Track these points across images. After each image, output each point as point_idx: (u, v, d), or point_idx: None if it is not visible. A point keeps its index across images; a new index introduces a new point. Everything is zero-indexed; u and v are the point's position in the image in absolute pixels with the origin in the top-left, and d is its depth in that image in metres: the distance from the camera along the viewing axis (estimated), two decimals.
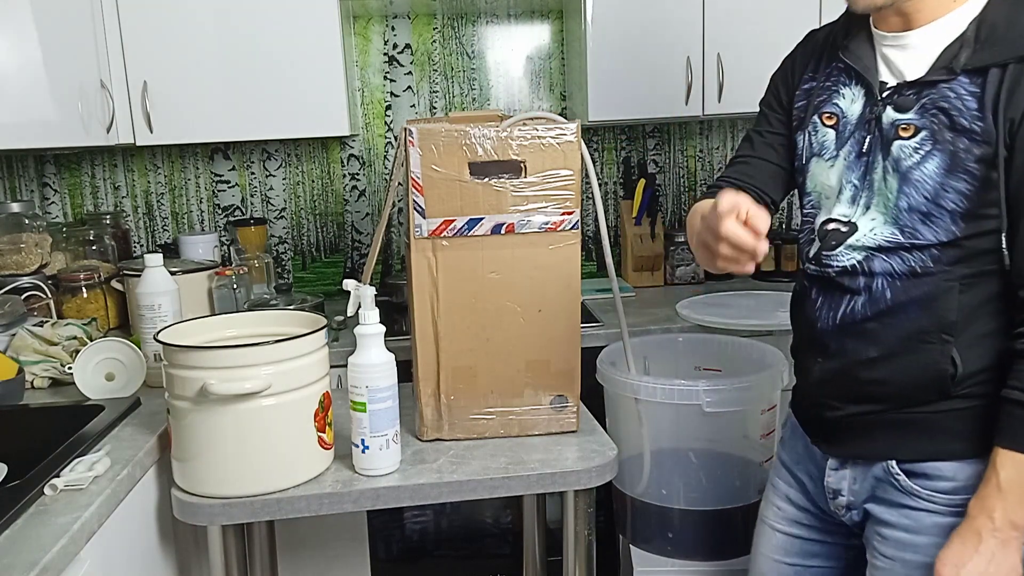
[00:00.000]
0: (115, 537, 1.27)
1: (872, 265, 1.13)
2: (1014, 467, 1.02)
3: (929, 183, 1.07)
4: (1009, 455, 1.02)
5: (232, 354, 1.28)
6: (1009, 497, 1.02)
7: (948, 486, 1.11)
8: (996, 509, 1.03)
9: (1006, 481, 1.02)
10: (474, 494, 1.37)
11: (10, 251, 2.11)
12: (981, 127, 1.02)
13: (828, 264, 1.18)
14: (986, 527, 1.04)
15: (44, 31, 1.80)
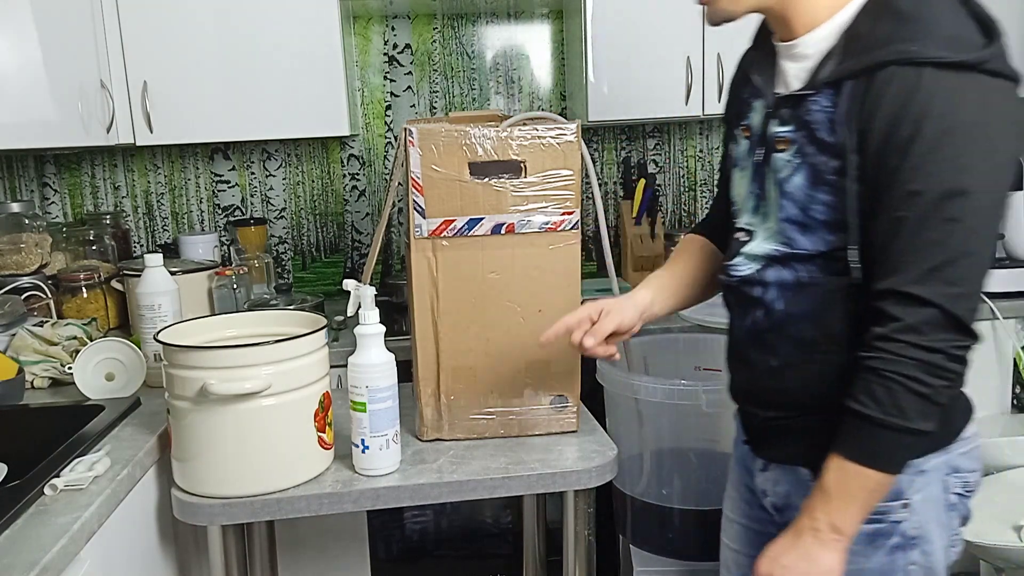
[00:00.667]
0: (115, 537, 1.27)
1: (765, 275, 1.14)
2: (840, 473, 1.03)
3: (799, 195, 1.07)
4: (837, 460, 1.03)
5: (232, 354, 1.28)
6: (833, 501, 1.03)
7: None
8: (818, 510, 1.04)
9: (831, 485, 1.03)
10: (474, 494, 1.37)
11: (10, 251, 2.11)
12: (834, 140, 1.01)
13: (731, 273, 1.19)
14: (807, 526, 1.05)
15: (44, 31, 1.80)
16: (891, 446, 1.01)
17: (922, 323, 0.96)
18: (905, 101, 0.95)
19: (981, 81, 0.94)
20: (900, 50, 0.95)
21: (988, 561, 2.03)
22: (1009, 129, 0.96)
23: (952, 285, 0.96)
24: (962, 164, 0.94)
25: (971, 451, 1.15)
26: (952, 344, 0.97)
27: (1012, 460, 2.10)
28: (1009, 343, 2.30)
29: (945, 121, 0.93)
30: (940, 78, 0.94)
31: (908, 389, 0.97)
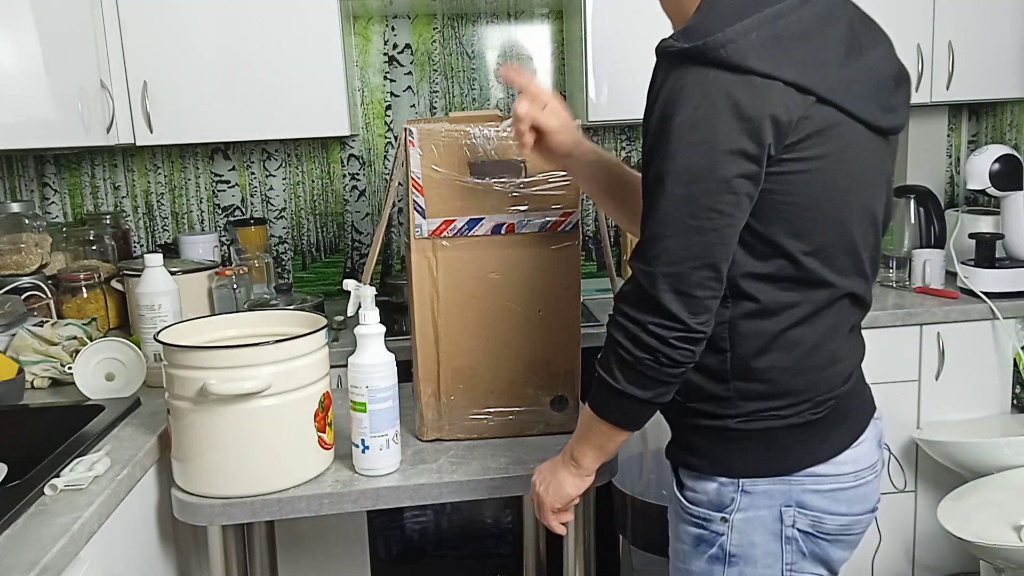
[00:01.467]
0: (115, 537, 1.27)
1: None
2: (585, 413, 1.14)
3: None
4: (586, 408, 1.13)
5: (232, 354, 1.28)
6: (577, 434, 1.17)
7: (690, 495, 1.15)
8: (574, 444, 1.18)
9: (580, 421, 1.17)
10: (474, 494, 1.37)
11: (10, 251, 2.11)
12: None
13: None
14: (564, 450, 1.21)
15: (44, 31, 1.80)
16: (608, 401, 1.08)
17: (628, 293, 1.04)
18: (650, 90, 1.02)
19: (701, 72, 0.96)
20: (660, 44, 1.01)
21: (988, 561, 2.03)
22: (717, 121, 0.95)
23: (645, 263, 1.01)
24: (667, 151, 0.97)
25: (832, 491, 1.10)
26: (649, 321, 1.01)
27: (1012, 460, 2.10)
28: (1009, 343, 2.30)
29: (664, 109, 0.98)
30: (668, 68, 0.99)
31: (615, 353, 1.05)
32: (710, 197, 0.97)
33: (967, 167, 2.35)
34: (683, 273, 0.99)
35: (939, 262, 2.41)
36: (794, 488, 1.10)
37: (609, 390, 1.07)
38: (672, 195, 0.98)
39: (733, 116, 0.95)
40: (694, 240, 0.98)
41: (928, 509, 2.32)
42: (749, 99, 0.95)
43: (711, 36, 0.95)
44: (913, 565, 2.40)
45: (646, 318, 1.01)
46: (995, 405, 2.35)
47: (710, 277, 1.00)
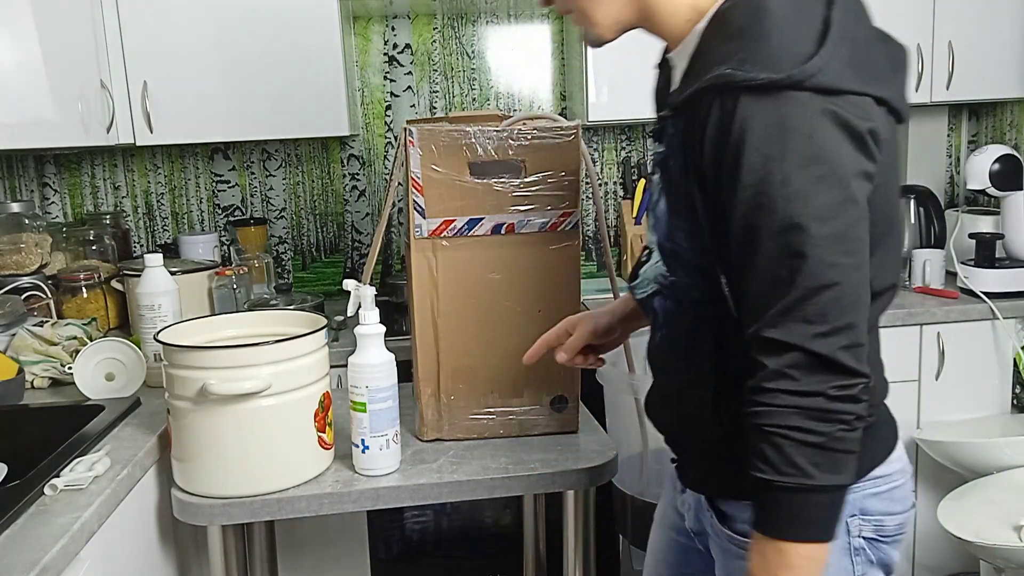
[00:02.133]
0: (115, 537, 1.27)
1: (655, 299, 1.09)
2: (762, 554, 0.90)
3: (663, 220, 1.02)
4: (758, 542, 0.91)
5: (232, 354, 1.28)
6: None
7: (744, 528, 1.02)
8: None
9: (757, 570, 0.91)
10: (474, 494, 1.37)
11: (10, 251, 2.11)
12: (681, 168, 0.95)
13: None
14: None
15: (44, 31, 1.80)
16: (802, 510, 0.87)
17: (789, 367, 0.86)
18: (723, 130, 0.87)
19: (804, 100, 0.85)
20: (719, 74, 0.87)
21: (988, 561, 2.03)
22: (837, 146, 0.86)
23: (811, 324, 0.85)
24: (791, 193, 0.85)
25: (889, 491, 1.06)
26: (830, 385, 0.85)
27: (1012, 460, 2.10)
28: (1009, 343, 2.30)
29: (765, 149, 0.85)
30: (755, 103, 0.85)
31: (796, 441, 0.86)
32: (856, 228, 0.87)
33: (967, 167, 2.35)
34: (857, 323, 0.86)
35: (939, 262, 2.41)
36: (857, 496, 1.02)
37: (802, 494, 0.86)
38: (819, 238, 0.85)
39: (847, 138, 0.86)
40: (855, 279, 0.86)
41: (928, 509, 2.32)
42: (855, 117, 0.87)
43: (804, 63, 0.85)
44: (913, 565, 2.40)
45: (827, 383, 0.85)
46: (995, 405, 2.35)
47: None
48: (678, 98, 0.94)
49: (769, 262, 0.86)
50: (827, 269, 0.85)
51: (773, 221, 0.86)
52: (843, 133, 0.86)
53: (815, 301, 0.85)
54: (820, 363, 0.86)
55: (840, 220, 0.86)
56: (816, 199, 0.85)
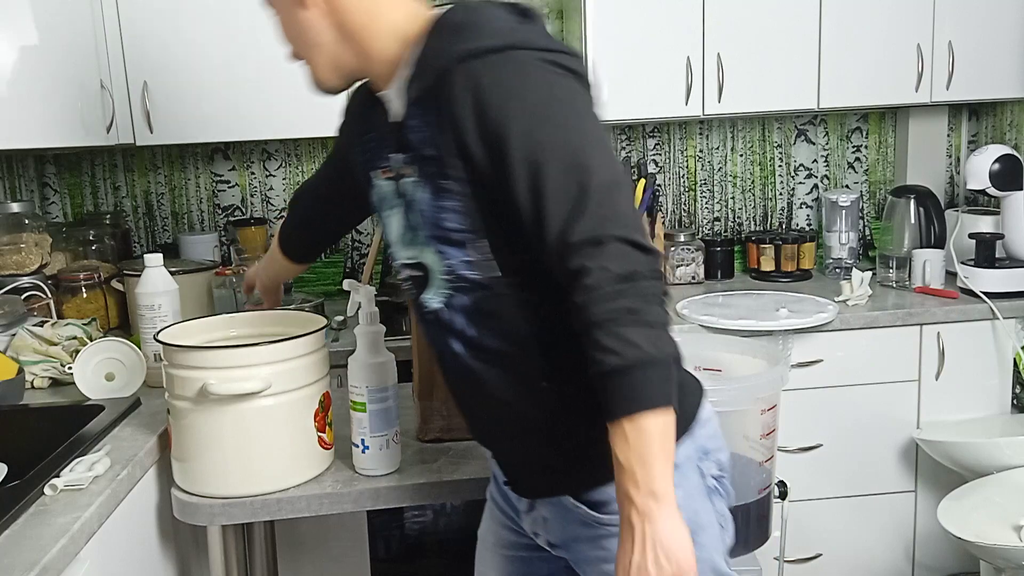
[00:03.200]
0: (115, 537, 1.27)
1: (452, 303, 1.09)
2: (624, 440, 0.93)
3: (429, 213, 1.06)
4: (616, 433, 0.93)
5: (232, 354, 1.28)
6: (635, 471, 0.92)
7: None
8: (629, 491, 0.93)
9: (623, 458, 0.93)
10: (474, 494, 1.37)
11: (10, 251, 2.11)
12: (435, 153, 1.02)
13: (424, 311, 1.14)
14: (630, 512, 0.94)
15: (44, 31, 1.80)
16: (647, 383, 0.92)
17: (605, 260, 0.92)
18: (476, 93, 0.97)
19: (527, 55, 0.99)
20: (458, 51, 0.99)
21: (988, 561, 2.03)
22: (566, 82, 1.00)
23: (610, 218, 0.94)
24: (556, 122, 0.96)
25: (715, 431, 1.15)
26: (643, 263, 0.93)
27: (1012, 460, 2.10)
28: (1009, 343, 2.30)
29: (519, 96, 0.97)
30: (494, 64, 0.98)
31: (629, 323, 0.91)
32: (609, 139, 1.11)
33: (967, 167, 2.35)
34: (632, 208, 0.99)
35: (939, 262, 2.41)
36: (698, 440, 1.11)
37: (644, 369, 0.92)
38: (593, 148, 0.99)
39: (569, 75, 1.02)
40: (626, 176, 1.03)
41: (928, 509, 2.32)
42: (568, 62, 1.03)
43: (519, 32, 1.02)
44: (913, 565, 2.40)
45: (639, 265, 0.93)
46: (995, 405, 2.35)
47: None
48: (417, 92, 1.03)
49: (559, 185, 0.95)
50: (608, 171, 0.96)
51: (551, 149, 0.96)
52: (567, 72, 1.00)
53: (608, 199, 0.95)
54: (629, 248, 0.93)
55: (600, 131, 0.99)
56: (577, 120, 0.98)
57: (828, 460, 2.29)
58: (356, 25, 1.08)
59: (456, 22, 1.04)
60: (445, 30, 1.04)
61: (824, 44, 2.40)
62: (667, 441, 0.93)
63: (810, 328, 2.18)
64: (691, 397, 1.14)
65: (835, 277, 2.63)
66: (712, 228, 2.85)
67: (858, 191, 2.78)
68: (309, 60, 1.15)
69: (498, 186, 0.99)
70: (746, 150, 2.81)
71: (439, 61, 1.01)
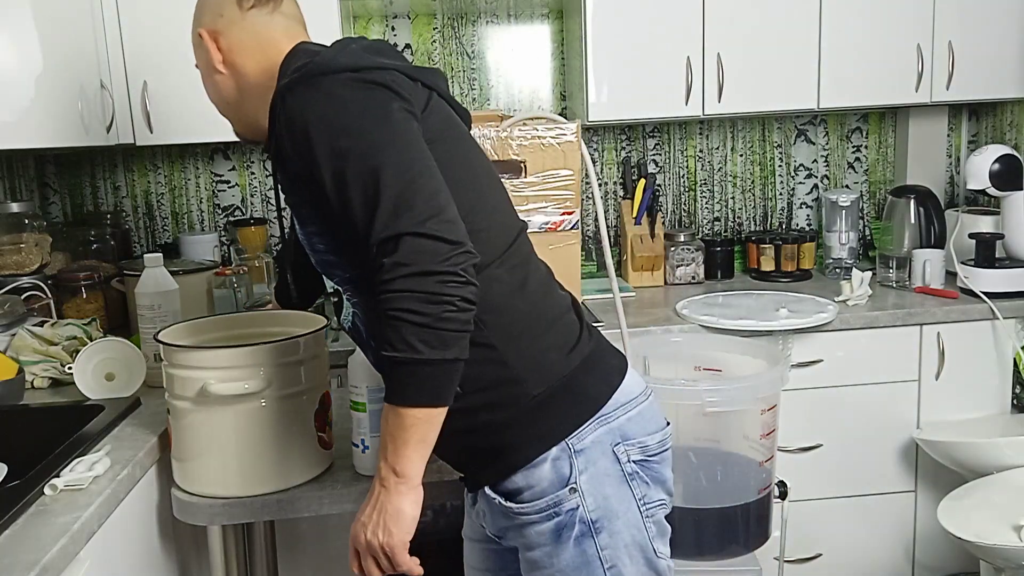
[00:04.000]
0: (115, 537, 1.27)
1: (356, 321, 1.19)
2: (387, 418, 1.04)
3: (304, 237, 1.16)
4: (386, 407, 1.04)
5: (232, 354, 1.28)
6: (387, 446, 1.05)
7: (528, 494, 1.12)
8: (381, 460, 1.07)
9: (385, 431, 1.05)
10: None
11: (10, 251, 2.11)
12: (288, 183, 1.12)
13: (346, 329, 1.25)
14: (376, 478, 1.08)
15: (44, 31, 1.80)
16: (413, 380, 1.01)
17: (402, 256, 0.98)
18: (287, 123, 1.06)
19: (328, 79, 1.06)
20: (277, 89, 1.09)
21: (988, 561, 2.03)
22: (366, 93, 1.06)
23: (404, 214, 0.99)
24: (352, 133, 1.03)
25: (639, 413, 1.16)
26: (438, 261, 0.98)
27: (1012, 460, 2.10)
28: (1009, 343, 2.30)
29: (317, 114, 1.04)
30: (298, 91, 1.06)
31: (408, 322, 0.98)
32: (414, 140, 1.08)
33: (967, 167, 2.35)
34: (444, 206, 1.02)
35: (939, 262, 2.41)
36: (614, 425, 1.13)
37: (414, 366, 1.00)
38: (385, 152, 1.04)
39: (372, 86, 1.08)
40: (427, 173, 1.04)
41: (928, 509, 2.32)
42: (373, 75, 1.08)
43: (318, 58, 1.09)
44: (913, 565, 2.40)
45: (433, 264, 0.99)
46: (995, 405, 2.35)
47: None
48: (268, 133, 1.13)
49: (358, 189, 1.01)
50: (401, 171, 1.01)
51: (348, 158, 1.02)
52: (371, 85, 1.06)
53: (402, 197, 1.00)
54: (424, 241, 0.99)
55: (397, 136, 1.03)
56: (372, 128, 1.03)
57: (828, 460, 2.29)
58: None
59: (283, 68, 1.13)
60: (280, 76, 1.13)
61: (824, 44, 2.40)
62: (424, 431, 1.04)
63: (810, 328, 2.18)
64: (599, 379, 1.16)
65: (835, 277, 2.63)
66: (712, 228, 2.85)
67: (858, 191, 2.79)
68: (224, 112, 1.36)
69: (325, 201, 1.05)
70: (746, 150, 2.81)
71: (272, 104, 1.10)
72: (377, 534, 1.09)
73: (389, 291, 0.99)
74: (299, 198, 1.12)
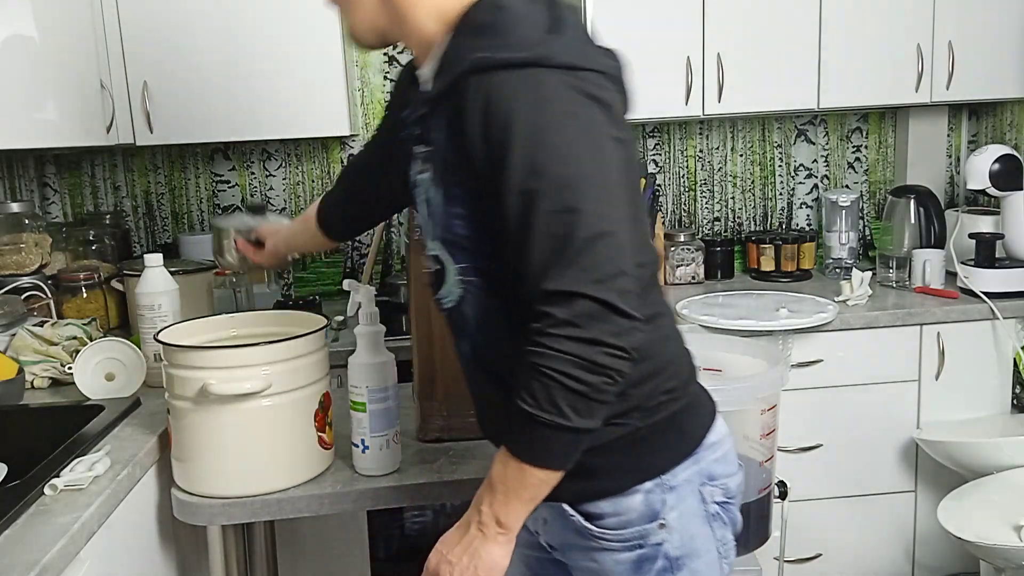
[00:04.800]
0: (115, 537, 1.27)
1: (463, 306, 1.09)
2: (504, 467, 0.99)
3: (439, 213, 1.05)
4: (503, 454, 0.99)
5: (232, 354, 1.28)
6: (498, 495, 1.00)
7: (613, 521, 1.08)
8: (484, 503, 1.01)
9: (496, 478, 1.00)
10: (474, 494, 1.37)
11: (10, 251, 2.11)
12: (451, 158, 1.00)
13: (442, 306, 1.13)
14: (474, 518, 1.03)
15: (44, 31, 1.80)
16: (550, 443, 0.95)
17: (574, 316, 0.91)
18: (485, 107, 0.94)
19: (554, 74, 0.94)
20: (475, 59, 0.95)
21: (988, 561, 2.04)
22: (587, 111, 0.95)
23: (589, 272, 0.91)
24: (558, 155, 0.92)
25: (723, 455, 1.13)
26: (609, 332, 0.91)
27: (1012, 460, 2.10)
28: (1009, 343, 2.30)
29: (527, 118, 0.93)
30: (511, 79, 0.93)
31: (564, 387, 0.92)
32: (618, 185, 0.98)
33: (967, 167, 2.35)
34: (628, 272, 0.94)
35: (939, 262, 2.41)
36: (702, 464, 1.11)
37: (555, 431, 0.94)
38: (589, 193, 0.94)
39: (593, 104, 0.96)
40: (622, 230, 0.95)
41: (928, 509, 2.32)
42: (595, 87, 0.97)
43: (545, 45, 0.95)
44: (913, 565, 2.40)
45: (608, 331, 0.92)
46: (995, 405, 2.35)
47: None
48: (436, 91, 1.01)
49: (543, 220, 0.92)
50: (599, 220, 0.92)
51: (545, 182, 0.92)
52: (588, 100, 0.95)
53: (591, 251, 0.91)
54: (602, 310, 0.91)
55: (604, 176, 0.94)
56: (581, 158, 0.93)
57: (828, 460, 2.29)
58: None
59: (479, 22, 0.99)
60: (468, 28, 1.00)
61: (824, 44, 2.40)
62: (541, 491, 0.99)
63: (810, 328, 2.18)
64: (699, 419, 1.13)
65: (835, 277, 2.63)
66: (712, 228, 2.85)
67: (858, 191, 2.79)
68: (346, 12, 1.11)
69: (495, 206, 0.96)
70: (746, 150, 2.81)
71: (457, 64, 0.97)
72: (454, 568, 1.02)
73: (550, 348, 0.91)
74: (458, 177, 1.01)
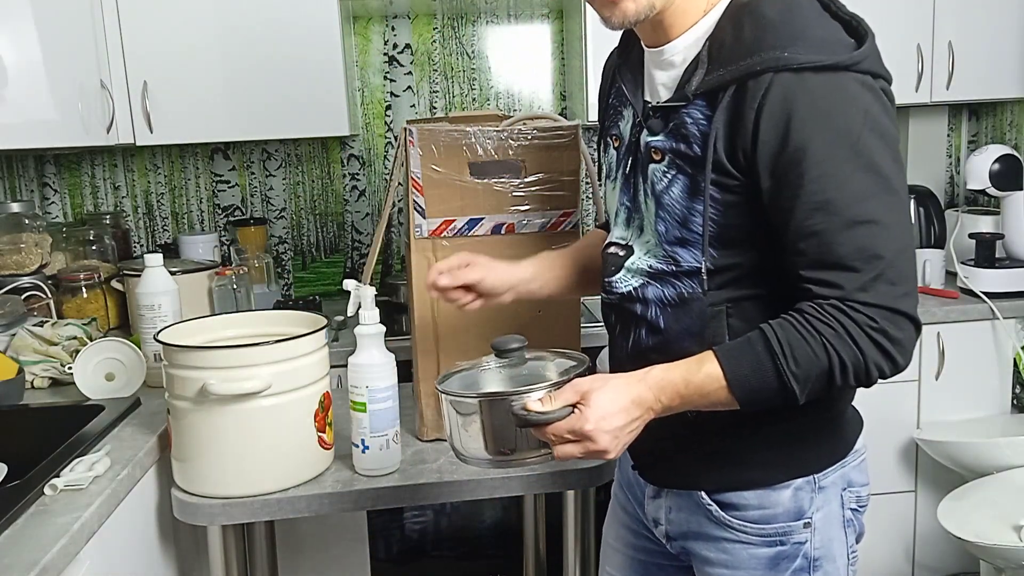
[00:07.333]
0: (115, 537, 1.27)
1: (646, 292, 1.07)
2: (701, 367, 0.95)
3: (678, 207, 1.01)
4: (710, 356, 0.96)
5: (232, 354, 1.28)
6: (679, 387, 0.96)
7: (757, 515, 1.07)
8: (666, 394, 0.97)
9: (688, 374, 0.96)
10: (474, 494, 1.37)
11: (10, 251, 2.11)
12: (713, 154, 0.96)
13: (612, 290, 1.12)
14: (647, 396, 0.97)
15: (44, 31, 1.80)
16: (759, 383, 0.93)
17: (896, 334, 0.93)
18: (789, 108, 0.91)
19: (860, 80, 0.92)
20: (775, 57, 0.91)
21: (988, 561, 2.03)
22: (886, 120, 0.93)
23: (896, 286, 0.92)
24: (863, 163, 0.90)
25: (861, 463, 1.13)
26: (909, 355, 0.94)
27: (1012, 460, 2.10)
28: (1009, 343, 2.30)
29: (832, 122, 0.90)
30: (815, 82, 0.90)
31: (846, 376, 0.92)
32: (908, 196, 0.97)
33: (967, 167, 2.35)
34: (916, 281, 0.96)
35: (939, 262, 2.41)
36: (847, 470, 1.10)
37: (775, 376, 0.93)
38: (892, 205, 0.92)
39: (888, 115, 0.95)
40: (914, 241, 1.00)
41: (928, 509, 2.32)
42: (888, 99, 0.96)
43: (853, 50, 0.93)
44: (913, 565, 2.40)
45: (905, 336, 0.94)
46: (995, 405, 2.35)
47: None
48: (709, 84, 0.96)
49: (849, 231, 0.90)
50: (903, 234, 0.92)
51: (849, 191, 0.90)
52: (885, 110, 0.94)
53: (897, 264, 0.91)
54: (903, 320, 0.92)
55: (902, 188, 0.94)
56: (884, 168, 0.91)
57: None
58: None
59: (769, 18, 0.94)
60: (755, 22, 0.95)
61: None
62: (706, 406, 0.97)
63: None
64: (854, 424, 1.13)
65: None
66: None
67: None
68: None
69: (774, 211, 0.94)
70: None
71: (747, 60, 0.92)
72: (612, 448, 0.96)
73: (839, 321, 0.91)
74: (717, 175, 0.97)
